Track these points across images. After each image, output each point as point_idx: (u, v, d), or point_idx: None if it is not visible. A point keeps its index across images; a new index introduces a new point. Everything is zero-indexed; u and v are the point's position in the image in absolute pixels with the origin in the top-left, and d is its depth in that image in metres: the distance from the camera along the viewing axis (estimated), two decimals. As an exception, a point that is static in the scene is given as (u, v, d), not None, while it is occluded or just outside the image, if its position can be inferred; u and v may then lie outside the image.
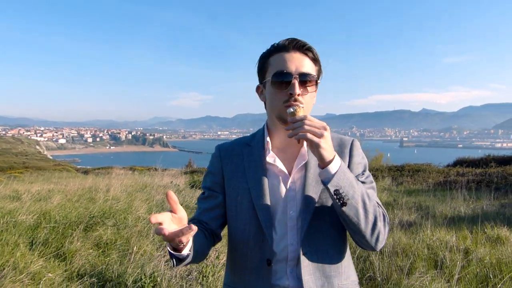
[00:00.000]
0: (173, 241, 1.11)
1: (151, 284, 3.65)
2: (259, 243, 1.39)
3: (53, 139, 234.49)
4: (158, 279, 3.74)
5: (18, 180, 15.74)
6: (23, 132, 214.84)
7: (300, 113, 1.27)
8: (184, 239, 1.10)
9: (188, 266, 4.12)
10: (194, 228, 1.06)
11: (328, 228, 1.39)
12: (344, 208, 1.24)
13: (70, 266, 4.17)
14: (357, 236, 1.32)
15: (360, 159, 1.47)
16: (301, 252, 1.35)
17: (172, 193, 1.13)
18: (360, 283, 3.69)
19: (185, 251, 1.20)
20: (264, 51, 1.46)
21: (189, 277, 3.92)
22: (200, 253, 1.34)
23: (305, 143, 1.39)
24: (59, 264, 4.23)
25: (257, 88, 1.51)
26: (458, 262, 3.80)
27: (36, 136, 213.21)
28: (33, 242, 4.81)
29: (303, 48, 1.38)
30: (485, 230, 5.33)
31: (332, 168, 1.23)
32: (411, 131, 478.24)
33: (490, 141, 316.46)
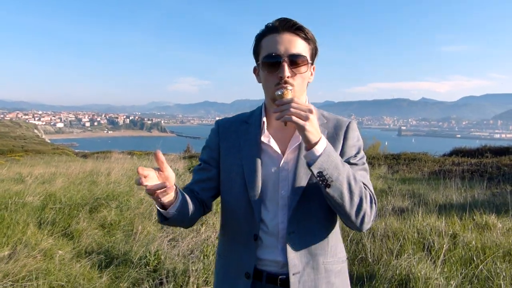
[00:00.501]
0: (153, 195, 1.20)
1: (155, 261, 3.87)
2: (248, 218, 1.44)
3: (51, 123, 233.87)
4: (162, 257, 3.97)
5: (18, 163, 15.94)
6: (21, 116, 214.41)
7: (288, 96, 1.29)
8: (160, 194, 1.20)
9: (190, 245, 4.36)
10: (169, 186, 1.19)
11: (316, 208, 1.42)
12: (328, 190, 1.27)
13: (78, 244, 4.39)
14: (342, 217, 1.36)
15: (355, 141, 1.48)
16: (289, 230, 1.40)
17: (160, 153, 1.20)
18: (352, 263, 3.94)
19: (171, 210, 1.30)
20: (258, 31, 1.46)
21: (191, 255, 4.15)
22: (187, 217, 1.39)
23: None
24: (67, 242, 4.46)
25: (254, 70, 1.52)
26: (444, 245, 4.03)
27: (34, 120, 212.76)
28: (41, 222, 5.02)
29: (293, 28, 1.38)
30: (474, 217, 5.56)
31: (317, 150, 1.25)
32: (409, 120, 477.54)
33: (489, 132, 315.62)
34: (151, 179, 1.19)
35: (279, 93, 1.30)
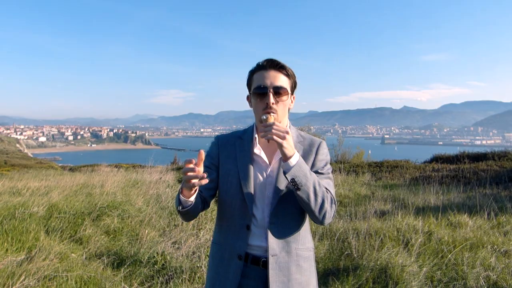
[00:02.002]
0: (189, 181, 1.54)
1: (163, 261, 4.28)
2: (242, 212, 1.82)
3: (33, 137, 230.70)
4: (168, 257, 4.37)
5: (7, 177, 16.02)
6: (3, 131, 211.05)
7: (271, 120, 1.68)
8: (196, 182, 1.54)
9: (192, 247, 4.77)
10: (205, 177, 1.54)
11: (291, 206, 1.82)
12: (298, 192, 1.68)
13: (88, 249, 4.77)
14: (309, 213, 1.77)
15: (324, 156, 1.91)
16: (270, 222, 1.80)
17: (203, 152, 1.57)
18: (339, 259, 4.40)
19: (191, 199, 1.67)
20: (251, 68, 1.86)
21: (194, 255, 4.56)
22: (196, 210, 1.76)
23: None
24: (78, 247, 4.83)
25: (247, 98, 1.91)
26: (419, 240, 4.52)
27: (16, 134, 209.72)
28: (48, 230, 5.37)
29: (277, 66, 1.80)
30: (449, 217, 6.08)
31: (291, 162, 1.66)
32: (392, 128, 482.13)
33: (470, 139, 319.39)
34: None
35: (264, 117, 1.70)
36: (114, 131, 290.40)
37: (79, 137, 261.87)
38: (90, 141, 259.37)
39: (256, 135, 1.90)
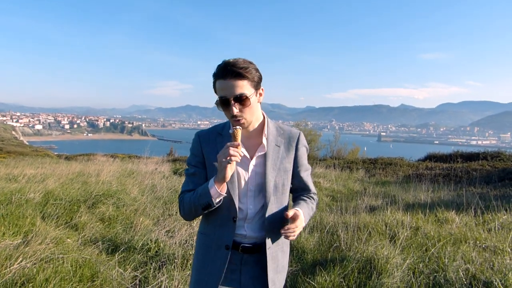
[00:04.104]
0: (230, 162, 1.70)
1: (156, 248, 4.41)
2: (228, 206, 1.89)
3: (30, 125, 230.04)
4: (161, 245, 4.50)
5: (2, 164, 16.08)
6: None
7: (238, 135, 1.73)
8: (232, 162, 1.71)
9: (185, 235, 4.89)
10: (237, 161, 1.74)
11: (274, 199, 1.94)
12: None
13: (83, 234, 4.88)
14: None
15: (305, 150, 2.05)
16: (254, 214, 1.94)
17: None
18: (328, 251, 4.53)
19: (223, 192, 1.80)
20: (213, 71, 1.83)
21: (186, 244, 4.69)
22: None
23: (264, 138, 1.93)
24: (73, 233, 4.94)
25: (216, 102, 1.87)
26: (405, 234, 4.67)
27: (12, 121, 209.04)
28: (44, 216, 5.48)
29: (234, 74, 1.75)
30: (436, 214, 6.23)
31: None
32: (389, 126, 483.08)
33: (466, 139, 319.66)
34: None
35: (230, 131, 1.77)
36: (111, 121, 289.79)
37: (75, 126, 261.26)
38: (87, 130, 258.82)
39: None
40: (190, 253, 4.18)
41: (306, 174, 2.08)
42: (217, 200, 1.81)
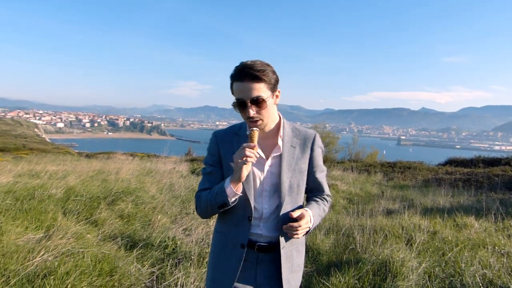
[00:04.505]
0: (245, 163, 1.74)
1: (173, 246, 4.48)
2: (244, 205, 1.92)
3: (52, 123, 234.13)
4: (178, 242, 4.57)
5: (25, 160, 16.45)
6: (22, 115, 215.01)
7: (255, 138, 1.77)
8: (248, 163, 1.75)
9: (201, 234, 4.95)
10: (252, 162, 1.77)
11: (289, 198, 1.96)
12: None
13: (103, 230, 4.98)
14: None
15: (320, 151, 2.08)
16: (270, 214, 1.96)
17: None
18: (343, 253, 4.54)
19: (239, 191, 1.84)
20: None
21: (203, 242, 4.75)
22: None
23: (279, 139, 1.96)
24: (93, 229, 5.06)
25: (233, 103, 1.89)
26: (422, 237, 4.64)
27: (35, 119, 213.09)
28: (65, 211, 5.61)
29: (251, 77, 1.78)
30: (455, 218, 6.16)
31: (311, 228, 1.92)
32: (409, 129, 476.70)
33: (489, 144, 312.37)
34: None
35: (248, 133, 1.81)
36: (131, 120, 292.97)
37: (96, 124, 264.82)
38: (107, 129, 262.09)
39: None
40: (206, 251, 4.24)
41: (322, 175, 2.10)
42: (233, 199, 1.85)
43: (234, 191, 1.83)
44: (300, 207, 2.02)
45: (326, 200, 2.12)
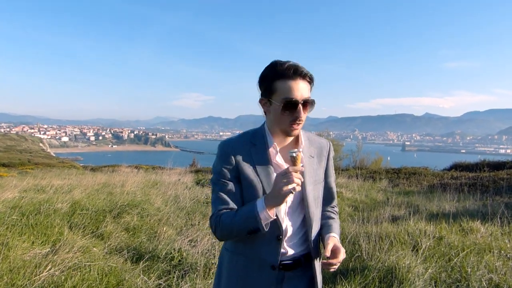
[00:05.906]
0: (293, 189, 1.54)
1: (179, 257, 4.49)
2: (271, 224, 1.69)
3: (56, 137, 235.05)
4: (184, 254, 4.59)
5: (31, 175, 16.52)
6: (27, 130, 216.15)
7: (299, 159, 1.57)
8: (297, 187, 1.56)
9: (207, 245, 4.96)
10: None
11: (314, 212, 1.83)
12: None
13: (109, 244, 5.01)
14: None
15: (332, 160, 2.01)
16: (298, 230, 1.83)
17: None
18: (350, 260, 4.54)
19: (274, 215, 1.66)
20: (267, 69, 1.73)
21: (209, 253, 4.76)
22: None
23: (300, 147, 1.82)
24: (99, 242, 5.08)
25: (261, 101, 1.78)
26: (428, 243, 4.64)
27: (40, 133, 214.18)
28: (71, 225, 5.64)
29: (304, 76, 1.68)
30: (461, 223, 6.15)
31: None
32: (413, 135, 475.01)
33: (494, 147, 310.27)
34: None
35: (294, 155, 1.58)
36: (135, 132, 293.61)
37: (100, 137, 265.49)
38: (111, 142, 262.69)
39: (275, 143, 1.81)
40: (212, 262, 4.25)
41: (334, 184, 2.03)
42: (266, 224, 1.67)
43: (269, 216, 1.64)
44: (319, 219, 1.94)
45: (337, 212, 2.06)
